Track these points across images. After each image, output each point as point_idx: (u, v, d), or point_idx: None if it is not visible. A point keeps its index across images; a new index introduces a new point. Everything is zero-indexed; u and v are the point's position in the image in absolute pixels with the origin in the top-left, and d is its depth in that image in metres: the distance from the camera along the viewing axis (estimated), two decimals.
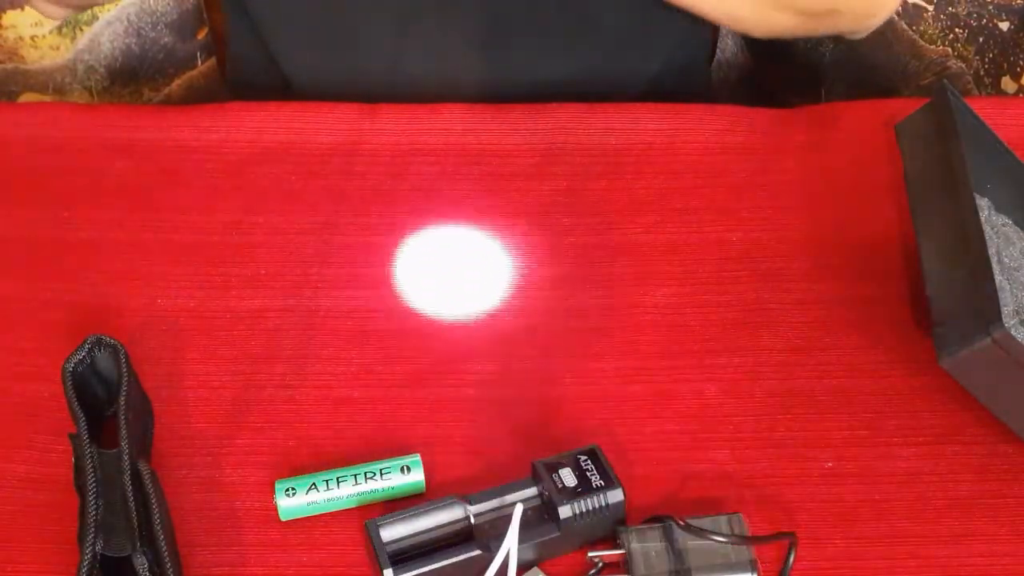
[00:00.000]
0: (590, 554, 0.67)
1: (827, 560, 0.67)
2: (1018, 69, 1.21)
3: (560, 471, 0.67)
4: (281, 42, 0.99)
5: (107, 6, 1.17)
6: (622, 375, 0.76)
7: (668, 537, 0.66)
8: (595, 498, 0.66)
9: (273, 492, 0.69)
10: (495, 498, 0.67)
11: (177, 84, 1.24)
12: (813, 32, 0.95)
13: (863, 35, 0.97)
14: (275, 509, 0.68)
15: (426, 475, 0.69)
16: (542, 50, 0.96)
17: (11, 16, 1.17)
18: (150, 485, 0.66)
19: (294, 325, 0.78)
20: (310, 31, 0.97)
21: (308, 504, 0.68)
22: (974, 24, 1.19)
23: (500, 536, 0.64)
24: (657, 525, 0.66)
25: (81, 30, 1.20)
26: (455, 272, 0.81)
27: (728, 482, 0.71)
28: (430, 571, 0.64)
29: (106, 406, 0.72)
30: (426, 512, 0.66)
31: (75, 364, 0.69)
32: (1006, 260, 0.74)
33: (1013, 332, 0.65)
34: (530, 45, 0.95)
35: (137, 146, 0.88)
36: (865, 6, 0.93)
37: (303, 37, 0.98)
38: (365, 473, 0.69)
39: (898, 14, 1.20)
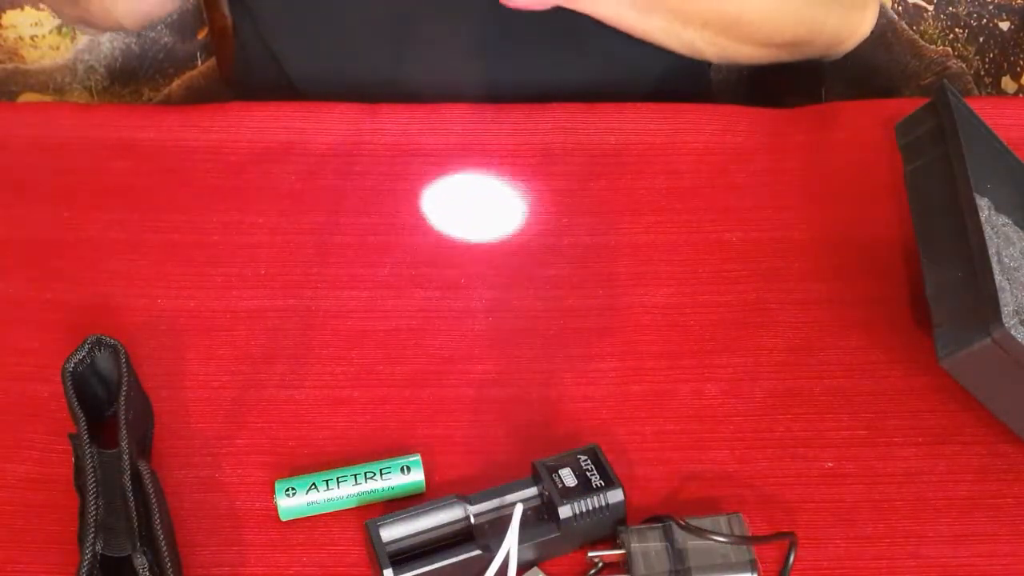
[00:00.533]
0: (590, 554, 0.67)
1: (827, 560, 0.67)
2: (1018, 69, 1.21)
3: (560, 471, 0.67)
4: (283, 44, 0.98)
5: None
6: (622, 375, 0.76)
7: (668, 537, 0.66)
8: (595, 498, 0.66)
9: (273, 492, 0.69)
10: (495, 498, 0.67)
11: (177, 84, 1.24)
12: (780, 59, 0.95)
13: (836, 57, 0.97)
14: (275, 509, 0.68)
15: (426, 475, 0.69)
16: (543, 57, 0.95)
17: (11, 16, 1.17)
18: (150, 485, 0.66)
19: (294, 325, 0.78)
20: (311, 34, 0.97)
21: (308, 504, 0.68)
22: (974, 24, 1.19)
23: (500, 536, 0.64)
24: (657, 525, 0.66)
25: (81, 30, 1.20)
26: (455, 272, 0.81)
27: (728, 482, 0.71)
28: (430, 571, 0.64)
29: (106, 406, 0.72)
30: (426, 512, 0.66)
31: (75, 364, 0.69)
32: (1006, 260, 0.74)
33: (1013, 332, 0.65)
34: (532, 52, 0.95)
35: (137, 146, 0.88)
36: (832, 35, 0.94)
37: (304, 40, 0.98)
38: (365, 473, 0.69)
39: (898, 14, 1.20)
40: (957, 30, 1.20)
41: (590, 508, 0.66)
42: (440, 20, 0.94)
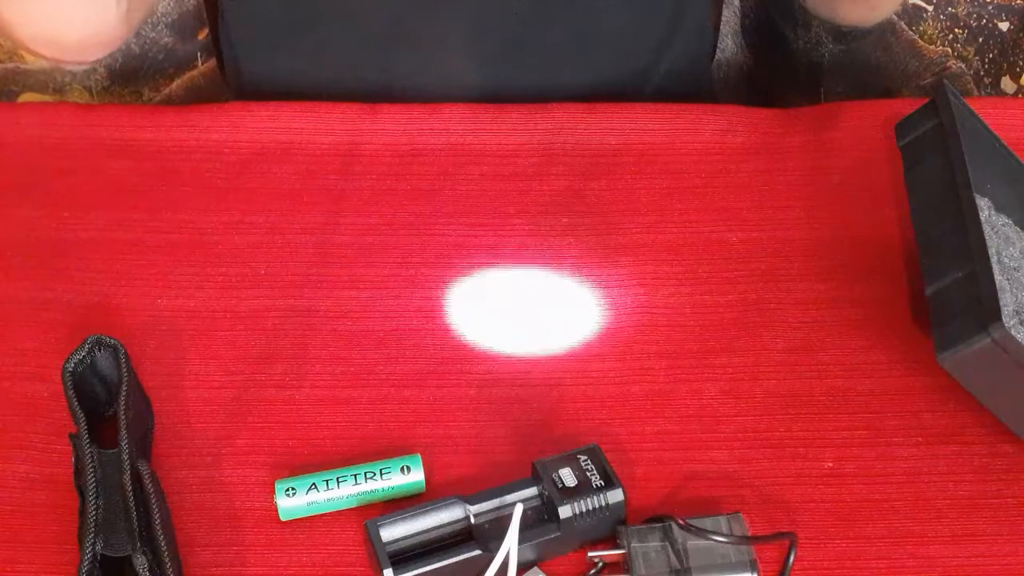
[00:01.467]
0: (590, 554, 0.67)
1: (827, 560, 0.67)
2: (1018, 69, 1.21)
3: (560, 471, 0.67)
4: (263, 65, 0.98)
5: None
6: (622, 375, 0.76)
7: (668, 537, 0.66)
8: (595, 498, 0.66)
9: (273, 492, 0.69)
10: (495, 498, 0.67)
11: (177, 84, 1.24)
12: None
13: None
14: (275, 509, 0.68)
15: (426, 475, 0.69)
16: (544, 57, 0.95)
17: None
18: (150, 485, 0.66)
19: (294, 325, 0.78)
20: (296, 48, 0.96)
21: (308, 504, 0.68)
22: (974, 24, 1.19)
23: (500, 536, 0.64)
24: (657, 525, 0.66)
25: None
26: (455, 272, 0.81)
27: (728, 482, 0.71)
28: (430, 571, 0.64)
29: (106, 406, 0.72)
30: (426, 512, 0.66)
31: (75, 364, 0.69)
32: (1006, 260, 0.74)
33: (1013, 332, 0.65)
34: (532, 53, 0.95)
35: (137, 146, 0.88)
36: None
37: (290, 54, 0.97)
38: (365, 473, 0.69)
39: (898, 14, 1.20)
40: (957, 30, 1.20)
41: (590, 508, 0.66)
42: (438, 21, 0.93)
